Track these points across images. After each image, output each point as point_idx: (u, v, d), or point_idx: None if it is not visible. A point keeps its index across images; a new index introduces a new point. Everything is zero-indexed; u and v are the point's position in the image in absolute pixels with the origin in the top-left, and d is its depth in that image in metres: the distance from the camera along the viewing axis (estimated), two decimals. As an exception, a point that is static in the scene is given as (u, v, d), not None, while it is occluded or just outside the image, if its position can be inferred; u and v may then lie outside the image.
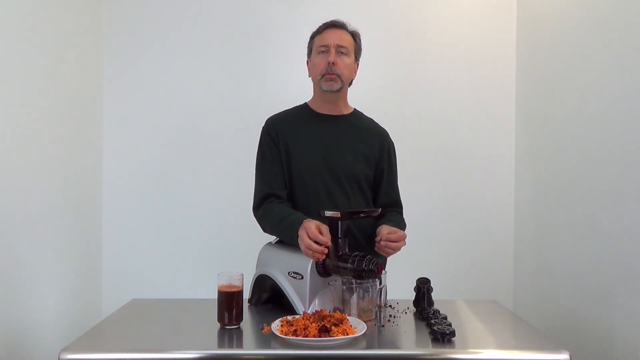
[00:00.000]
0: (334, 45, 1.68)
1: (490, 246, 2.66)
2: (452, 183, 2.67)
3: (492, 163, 2.67)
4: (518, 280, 2.62)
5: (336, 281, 1.45)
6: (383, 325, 1.41)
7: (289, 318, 1.35)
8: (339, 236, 1.46)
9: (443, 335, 1.27)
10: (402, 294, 1.68)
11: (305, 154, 1.69)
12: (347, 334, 1.24)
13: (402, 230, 1.61)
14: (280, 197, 1.68)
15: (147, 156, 2.63)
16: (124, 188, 2.62)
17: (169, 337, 1.34)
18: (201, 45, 2.63)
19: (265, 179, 1.70)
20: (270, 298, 1.61)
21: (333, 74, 1.67)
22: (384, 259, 1.70)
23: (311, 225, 1.43)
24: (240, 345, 1.32)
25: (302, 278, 1.47)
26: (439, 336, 1.27)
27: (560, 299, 2.15)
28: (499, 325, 1.48)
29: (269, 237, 1.72)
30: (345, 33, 1.72)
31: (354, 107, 1.82)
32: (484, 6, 2.68)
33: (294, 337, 1.23)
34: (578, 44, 2.08)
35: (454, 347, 1.24)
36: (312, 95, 1.79)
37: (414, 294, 1.57)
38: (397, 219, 1.73)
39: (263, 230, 1.70)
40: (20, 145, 1.90)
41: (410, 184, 2.10)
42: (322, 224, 1.45)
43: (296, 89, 2.08)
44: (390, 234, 1.53)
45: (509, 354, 1.23)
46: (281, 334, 1.25)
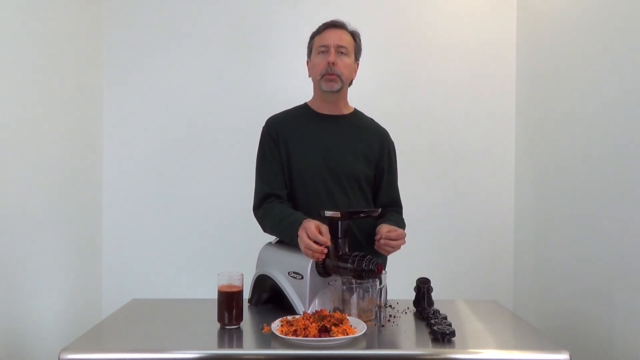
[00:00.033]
0: (333, 45, 1.67)
1: (490, 246, 2.66)
2: (452, 183, 2.67)
3: (492, 163, 2.67)
4: (518, 280, 2.62)
5: (336, 281, 1.45)
6: (383, 325, 1.41)
7: (289, 318, 1.35)
8: (339, 236, 1.46)
9: (443, 335, 1.27)
10: (402, 294, 1.68)
11: (305, 154, 1.69)
12: (347, 334, 1.24)
13: (402, 229, 1.61)
14: (281, 197, 1.68)
15: (147, 156, 2.63)
16: (124, 188, 2.62)
17: (169, 337, 1.34)
18: (201, 45, 2.63)
19: (265, 179, 1.70)
20: (270, 298, 1.61)
21: (333, 74, 1.66)
22: (384, 258, 1.70)
23: (311, 225, 1.43)
24: (240, 345, 1.32)
25: (302, 278, 1.46)
26: (439, 336, 1.27)
27: (560, 299, 2.15)
28: (499, 325, 1.48)
29: (269, 237, 1.72)
30: (345, 33, 1.71)
31: (354, 107, 1.82)
32: (484, 6, 2.68)
33: (294, 337, 1.23)
34: (578, 44, 2.08)
35: (454, 347, 1.24)
36: (312, 95, 1.79)
37: (414, 294, 1.57)
38: (397, 219, 1.73)
39: (263, 231, 1.70)
40: (21, 145, 1.90)
41: (410, 184, 2.10)
42: (322, 224, 1.45)
43: (296, 89, 2.08)
44: (390, 232, 1.54)
45: (509, 354, 1.23)
46: (281, 334, 1.25)
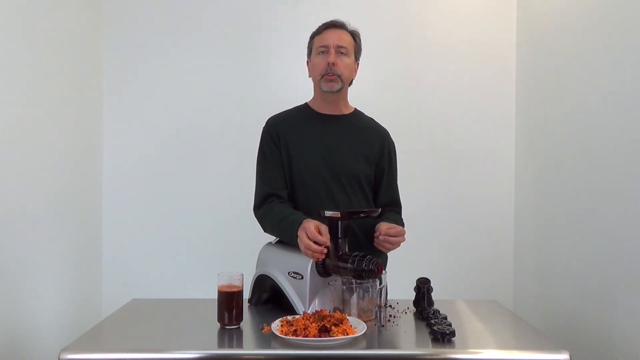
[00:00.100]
0: (333, 45, 1.67)
1: (490, 246, 2.66)
2: (452, 182, 2.67)
3: (492, 162, 2.67)
4: (518, 280, 2.62)
5: (336, 281, 1.45)
6: (383, 325, 1.41)
7: (289, 318, 1.35)
8: (339, 236, 1.46)
9: (443, 335, 1.27)
10: (402, 294, 1.68)
11: (305, 154, 1.69)
12: (347, 334, 1.24)
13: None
14: (281, 197, 1.68)
15: (147, 156, 2.63)
16: (124, 188, 2.62)
17: (169, 337, 1.34)
18: (201, 45, 2.63)
19: (265, 179, 1.70)
20: (270, 298, 1.61)
21: (333, 74, 1.66)
22: (384, 258, 1.70)
23: (310, 226, 1.43)
24: (240, 345, 1.32)
25: (302, 278, 1.46)
26: (439, 336, 1.27)
27: (560, 299, 2.15)
28: (499, 325, 1.48)
29: (269, 237, 1.72)
30: (345, 33, 1.71)
31: (355, 107, 1.82)
32: (484, 6, 2.68)
33: (294, 337, 1.23)
34: (578, 44, 2.08)
35: (454, 347, 1.24)
36: (313, 95, 1.79)
37: (414, 294, 1.57)
38: (395, 218, 1.73)
39: (264, 231, 1.70)
40: (21, 145, 1.90)
41: (410, 184, 2.10)
42: (322, 224, 1.45)
43: (296, 89, 2.08)
44: (390, 229, 1.54)
45: (509, 354, 1.23)
46: (281, 334, 1.25)
